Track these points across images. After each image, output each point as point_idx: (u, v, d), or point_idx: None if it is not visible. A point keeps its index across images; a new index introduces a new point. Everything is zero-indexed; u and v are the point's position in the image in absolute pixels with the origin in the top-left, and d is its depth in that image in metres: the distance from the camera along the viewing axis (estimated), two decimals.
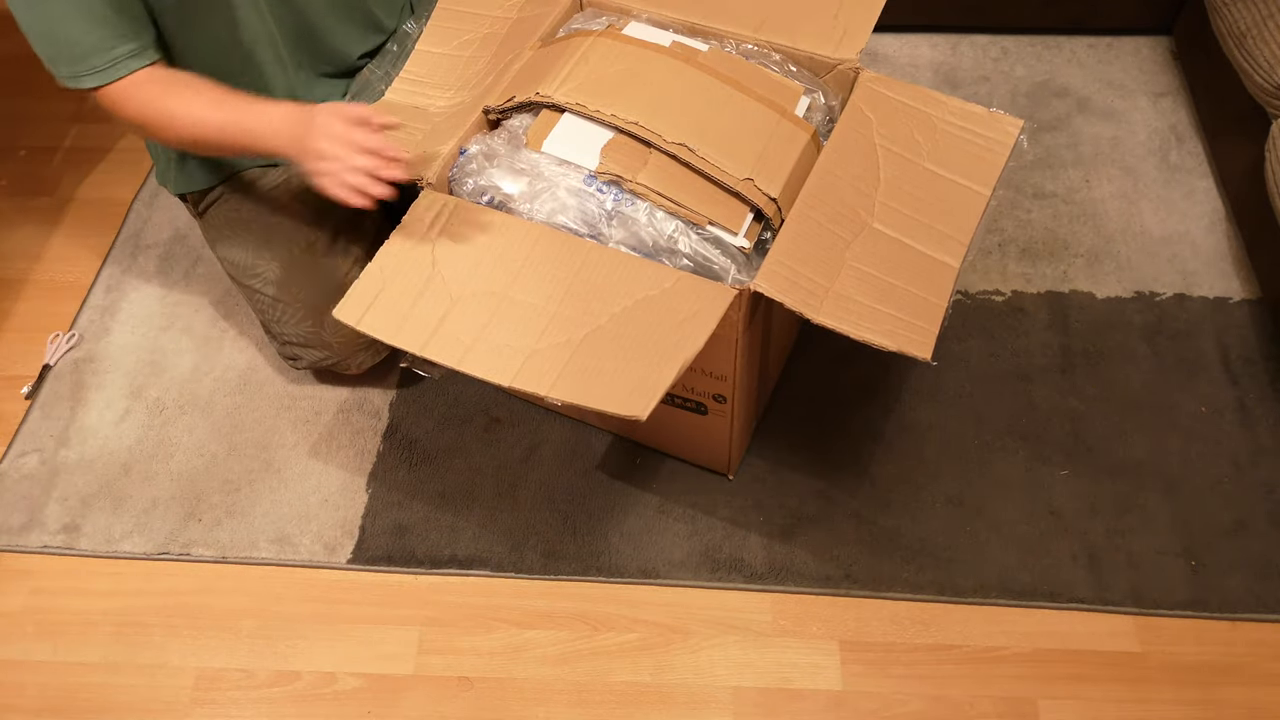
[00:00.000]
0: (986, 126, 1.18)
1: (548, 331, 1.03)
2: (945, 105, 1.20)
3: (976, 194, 1.13)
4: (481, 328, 1.04)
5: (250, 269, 1.37)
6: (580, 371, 1.00)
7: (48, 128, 1.92)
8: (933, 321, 1.03)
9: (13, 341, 1.59)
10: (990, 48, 1.95)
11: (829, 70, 1.25)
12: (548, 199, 1.11)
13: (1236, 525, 1.33)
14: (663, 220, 1.09)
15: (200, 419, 1.48)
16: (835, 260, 1.07)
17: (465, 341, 1.03)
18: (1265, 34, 1.49)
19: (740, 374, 1.17)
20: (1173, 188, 1.70)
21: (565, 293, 1.05)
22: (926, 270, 1.07)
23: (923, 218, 1.11)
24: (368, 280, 1.08)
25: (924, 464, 1.39)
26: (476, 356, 1.02)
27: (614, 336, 1.02)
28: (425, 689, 1.24)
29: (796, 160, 1.15)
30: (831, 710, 1.21)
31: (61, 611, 1.32)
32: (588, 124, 1.15)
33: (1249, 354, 1.49)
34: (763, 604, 1.29)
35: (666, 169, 1.12)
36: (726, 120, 1.16)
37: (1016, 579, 1.29)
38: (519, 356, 1.01)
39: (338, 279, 1.36)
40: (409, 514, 1.37)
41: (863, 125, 1.17)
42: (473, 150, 1.17)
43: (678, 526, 1.35)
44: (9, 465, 1.45)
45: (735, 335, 1.10)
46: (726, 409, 1.23)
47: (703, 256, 1.09)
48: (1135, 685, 1.22)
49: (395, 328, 1.05)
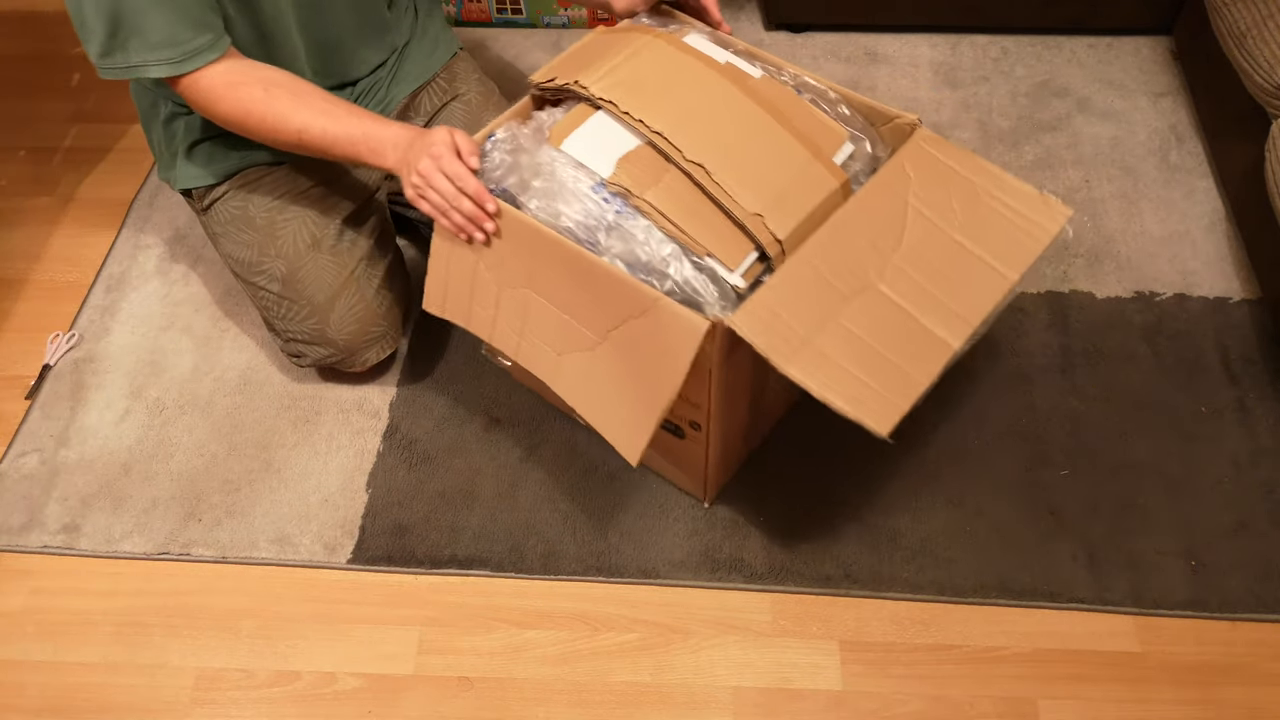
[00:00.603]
0: (1032, 208, 1.11)
1: (567, 339, 1.07)
2: (995, 178, 1.13)
3: (1001, 276, 1.06)
4: (522, 324, 1.09)
5: (255, 266, 1.37)
6: (590, 388, 1.04)
7: (48, 128, 1.92)
8: (905, 399, 0.98)
9: (13, 341, 1.59)
10: (990, 48, 1.95)
11: (886, 121, 1.19)
12: (555, 199, 1.10)
13: (1236, 525, 1.33)
14: (660, 242, 1.06)
15: (200, 419, 1.48)
16: (824, 314, 1.02)
17: (514, 336, 1.12)
18: (1265, 34, 1.49)
19: (716, 405, 1.13)
20: (1173, 188, 1.70)
21: (565, 305, 1.07)
22: (921, 345, 1.02)
23: (935, 289, 1.05)
24: (435, 270, 1.15)
25: (924, 464, 1.39)
26: (526, 349, 1.10)
27: (610, 361, 1.03)
28: (425, 689, 1.24)
29: (817, 206, 1.09)
30: (831, 710, 1.21)
31: (61, 611, 1.32)
32: (615, 127, 1.12)
33: (1249, 354, 1.49)
34: (763, 604, 1.29)
35: (678, 189, 1.08)
36: (755, 149, 1.11)
37: (1016, 579, 1.29)
38: (551, 357, 1.08)
39: (343, 276, 1.36)
40: (409, 514, 1.37)
41: (900, 182, 1.12)
42: (500, 137, 1.16)
43: (678, 526, 1.35)
44: (9, 465, 1.45)
45: (709, 367, 1.06)
46: (702, 436, 1.19)
47: (691, 288, 1.05)
48: (1135, 685, 1.22)
49: (465, 315, 1.13)
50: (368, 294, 1.39)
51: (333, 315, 1.36)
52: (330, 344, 1.39)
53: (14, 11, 2.16)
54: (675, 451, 1.27)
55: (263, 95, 1.17)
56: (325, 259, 1.36)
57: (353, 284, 1.38)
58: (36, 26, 2.13)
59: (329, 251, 1.37)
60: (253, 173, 1.38)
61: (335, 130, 1.17)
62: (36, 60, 2.06)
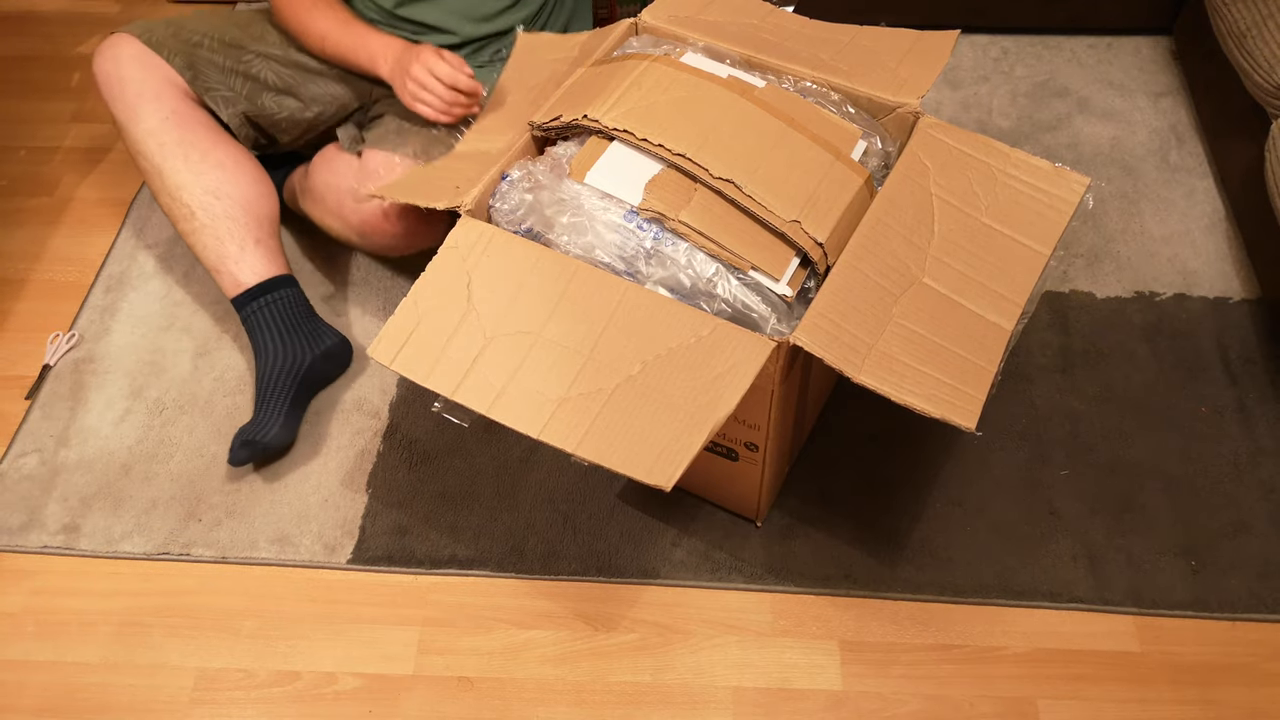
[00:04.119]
0: (1050, 182, 1.13)
1: (579, 379, 1.00)
2: (1007, 157, 1.15)
3: (1035, 253, 1.08)
4: (514, 371, 1.01)
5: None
6: (608, 428, 0.97)
7: (48, 128, 1.92)
8: (979, 388, 0.99)
9: (13, 341, 1.59)
10: (990, 48, 1.95)
11: (888, 113, 1.20)
12: (587, 233, 1.08)
13: (1236, 525, 1.33)
14: (703, 262, 1.05)
15: (200, 419, 1.48)
16: (881, 316, 1.02)
17: (496, 385, 1.01)
18: (1265, 34, 1.49)
19: (774, 424, 1.13)
20: (1173, 188, 1.71)
21: (599, 336, 1.02)
22: (977, 331, 1.03)
23: (977, 275, 1.07)
24: (403, 315, 1.06)
25: (924, 464, 1.39)
26: (507, 403, 1.00)
27: (645, 389, 0.99)
28: (425, 689, 1.24)
29: (848, 205, 1.10)
30: (831, 710, 1.21)
31: (61, 611, 1.32)
32: (634, 155, 1.12)
33: (1249, 354, 1.49)
34: (762, 604, 1.29)
35: (711, 206, 1.08)
36: (778, 159, 1.11)
37: (1016, 579, 1.29)
38: (549, 406, 0.99)
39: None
40: (409, 514, 1.37)
41: (919, 174, 1.13)
42: (515, 176, 1.14)
43: (678, 526, 1.35)
44: (9, 465, 1.45)
45: (771, 386, 1.06)
46: (758, 457, 1.19)
47: (742, 303, 1.05)
48: (1135, 685, 1.22)
49: (428, 369, 1.03)
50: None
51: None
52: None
53: (14, 11, 2.17)
54: (729, 475, 1.26)
55: (309, 5, 1.38)
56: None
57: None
58: (36, 26, 2.13)
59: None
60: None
61: (343, 39, 1.37)
62: (36, 60, 2.06)
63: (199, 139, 1.38)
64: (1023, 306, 1.05)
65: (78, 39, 2.10)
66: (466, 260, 1.08)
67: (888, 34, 1.29)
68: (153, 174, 1.40)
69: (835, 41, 1.28)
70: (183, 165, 1.37)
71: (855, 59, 1.25)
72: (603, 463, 0.96)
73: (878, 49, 1.27)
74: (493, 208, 1.15)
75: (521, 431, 0.99)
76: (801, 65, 1.24)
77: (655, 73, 1.18)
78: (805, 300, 1.08)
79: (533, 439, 0.99)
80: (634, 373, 1.00)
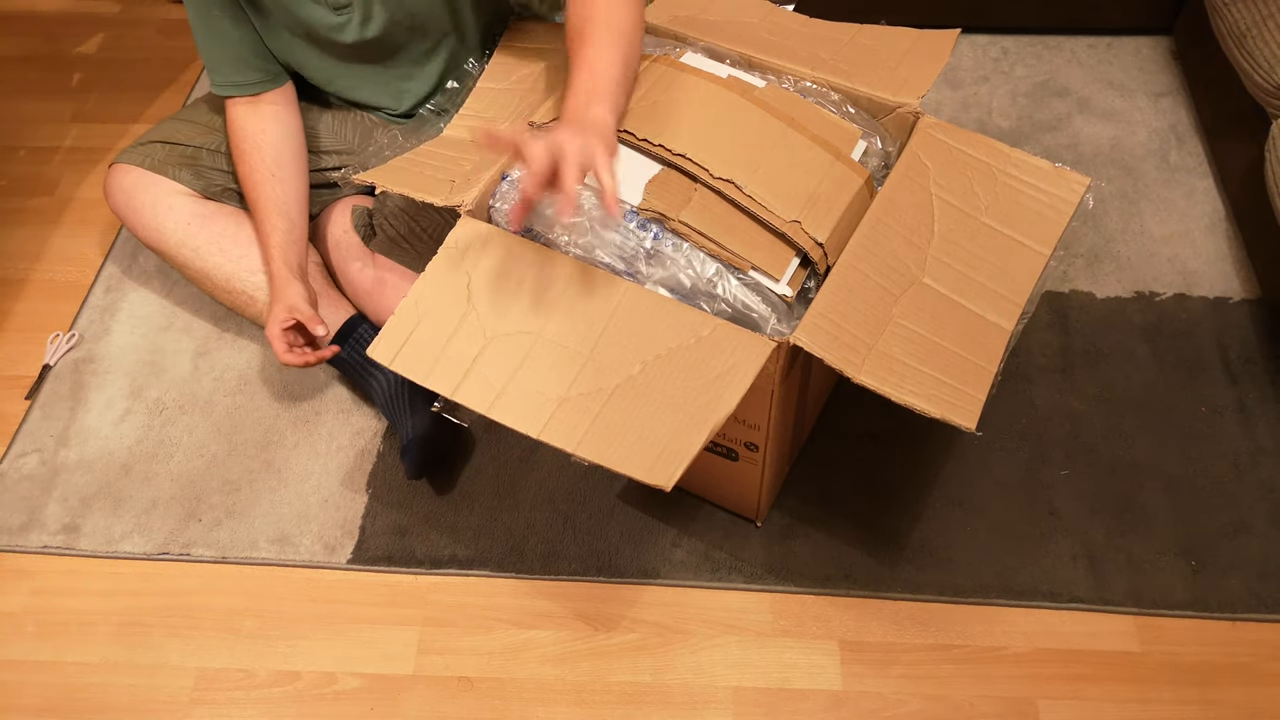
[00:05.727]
0: (1050, 182, 1.13)
1: (579, 379, 1.00)
2: (1008, 157, 1.15)
3: (1035, 253, 1.09)
4: (514, 370, 1.01)
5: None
6: (608, 428, 0.97)
7: (48, 128, 1.92)
8: (979, 388, 0.99)
9: (13, 341, 1.59)
10: (990, 48, 1.95)
11: (888, 113, 1.20)
12: (587, 233, 1.08)
13: (1236, 525, 1.33)
14: (703, 262, 1.05)
15: (200, 419, 1.48)
16: (881, 316, 1.02)
17: (496, 385, 1.01)
18: (1265, 34, 1.49)
19: (774, 424, 1.13)
20: (1173, 188, 1.71)
21: (599, 336, 1.02)
22: (977, 332, 1.03)
23: (976, 275, 1.07)
24: (403, 315, 1.06)
25: (924, 464, 1.39)
26: (506, 403, 1.00)
27: (645, 389, 0.99)
28: (425, 689, 1.24)
29: (848, 205, 1.10)
30: (831, 710, 1.21)
31: (61, 611, 1.32)
32: (633, 155, 1.11)
33: (1249, 354, 1.49)
34: (762, 604, 1.29)
35: (711, 206, 1.08)
36: (778, 158, 1.11)
37: (1016, 579, 1.29)
38: (549, 406, 0.99)
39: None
40: (409, 514, 1.37)
41: (919, 174, 1.13)
42: (516, 176, 1.14)
43: (678, 526, 1.35)
44: (9, 465, 1.45)
45: (771, 387, 1.06)
46: (758, 457, 1.19)
47: (742, 304, 1.05)
48: (1135, 685, 1.22)
49: (428, 368, 1.03)
50: None
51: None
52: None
53: (14, 11, 2.17)
54: (729, 474, 1.26)
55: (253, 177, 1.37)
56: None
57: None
58: (36, 26, 2.13)
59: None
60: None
61: (263, 248, 1.38)
62: (36, 60, 2.06)
63: (226, 228, 1.41)
64: (1023, 306, 1.05)
65: (78, 39, 2.10)
66: (466, 260, 1.08)
67: (888, 33, 1.29)
68: (201, 279, 1.43)
69: (835, 41, 1.29)
70: (222, 259, 1.40)
71: (855, 58, 1.25)
72: (603, 463, 0.96)
73: (878, 48, 1.27)
74: (493, 208, 1.15)
75: (521, 431, 0.99)
76: (801, 65, 1.24)
77: (655, 73, 1.18)
78: (805, 300, 1.08)
79: (533, 439, 0.99)
80: (634, 373, 1.00)
